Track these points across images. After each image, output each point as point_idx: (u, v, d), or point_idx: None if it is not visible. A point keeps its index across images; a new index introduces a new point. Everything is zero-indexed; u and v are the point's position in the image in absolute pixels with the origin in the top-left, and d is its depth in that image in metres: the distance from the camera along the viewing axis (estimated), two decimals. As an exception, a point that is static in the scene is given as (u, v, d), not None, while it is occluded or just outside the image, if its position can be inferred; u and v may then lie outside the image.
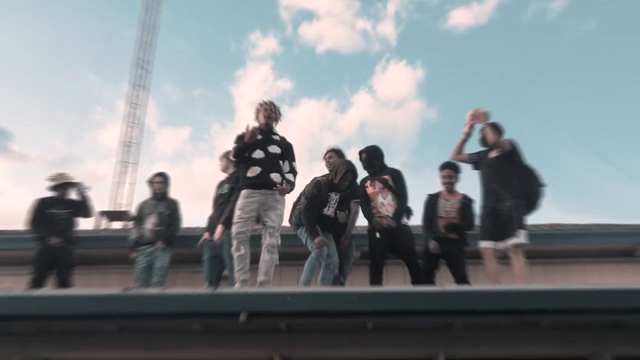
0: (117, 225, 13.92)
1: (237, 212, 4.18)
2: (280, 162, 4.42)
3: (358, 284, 5.14)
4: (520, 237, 4.29)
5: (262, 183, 4.26)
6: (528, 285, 4.00)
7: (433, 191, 5.21)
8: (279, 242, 4.21)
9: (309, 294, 3.16)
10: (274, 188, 4.26)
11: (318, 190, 4.81)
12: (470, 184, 5.27)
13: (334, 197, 4.88)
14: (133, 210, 5.80)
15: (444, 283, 4.72)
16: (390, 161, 5.16)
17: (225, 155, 5.30)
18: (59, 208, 5.35)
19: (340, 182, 4.80)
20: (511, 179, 4.50)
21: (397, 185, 4.85)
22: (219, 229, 4.68)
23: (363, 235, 4.92)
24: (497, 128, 4.71)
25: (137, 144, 16.87)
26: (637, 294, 3.09)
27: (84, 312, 3.10)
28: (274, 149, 4.41)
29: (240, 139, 4.35)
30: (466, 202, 5.06)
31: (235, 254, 4.10)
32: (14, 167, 41.17)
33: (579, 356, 3.44)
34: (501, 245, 4.41)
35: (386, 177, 4.91)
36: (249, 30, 38.72)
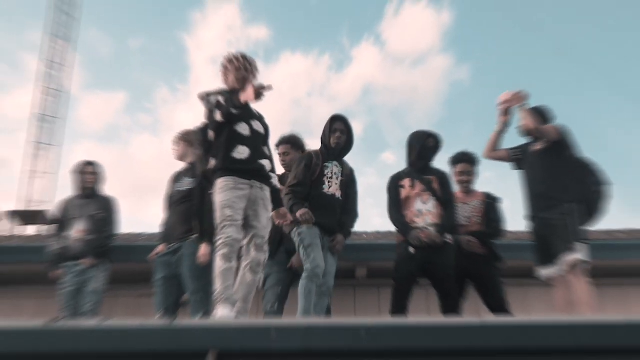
0: (31, 230, 10.59)
1: (224, 211, 3.13)
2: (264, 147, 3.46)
3: (364, 313, 4.29)
4: (578, 253, 3.43)
5: (252, 171, 3.26)
6: (597, 315, 3.18)
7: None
8: (267, 257, 3.29)
9: (301, 328, 2.40)
10: (265, 181, 3.32)
11: (308, 162, 3.82)
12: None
13: (335, 170, 3.87)
14: (53, 210, 4.66)
15: (482, 314, 3.81)
16: (404, 139, 4.12)
17: (184, 136, 4.19)
18: None
19: (334, 140, 3.85)
20: (562, 178, 3.67)
21: (444, 191, 3.93)
22: (205, 248, 3.71)
23: (366, 247, 4.07)
24: (540, 112, 3.88)
25: (57, 119, 12.23)
26: None
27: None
28: (258, 126, 3.39)
29: (229, 95, 3.24)
30: (490, 202, 4.19)
31: (221, 267, 3.04)
32: None
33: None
34: (559, 265, 3.53)
35: (431, 177, 3.98)
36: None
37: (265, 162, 3.34)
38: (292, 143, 4.18)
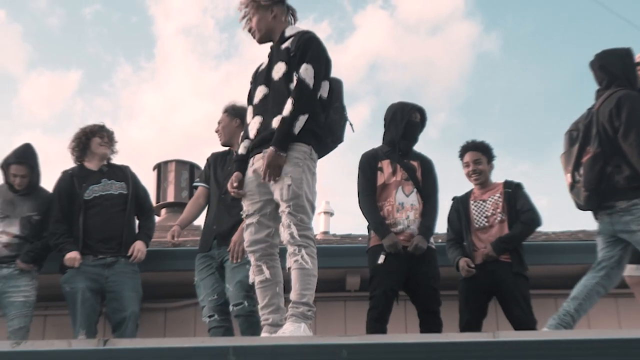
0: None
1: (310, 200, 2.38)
2: None
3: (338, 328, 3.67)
4: None
5: None
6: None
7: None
8: None
9: (266, 347, 1.90)
10: None
11: None
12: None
13: None
14: None
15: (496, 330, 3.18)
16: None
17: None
18: None
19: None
20: None
21: (427, 182, 3.22)
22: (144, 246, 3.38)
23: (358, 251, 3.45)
24: None
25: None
26: None
27: None
28: None
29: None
30: (511, 191, 3.31)
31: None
32: None
33: None
34: None
35: (414, 163, 3.24)
36: None
37: None
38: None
